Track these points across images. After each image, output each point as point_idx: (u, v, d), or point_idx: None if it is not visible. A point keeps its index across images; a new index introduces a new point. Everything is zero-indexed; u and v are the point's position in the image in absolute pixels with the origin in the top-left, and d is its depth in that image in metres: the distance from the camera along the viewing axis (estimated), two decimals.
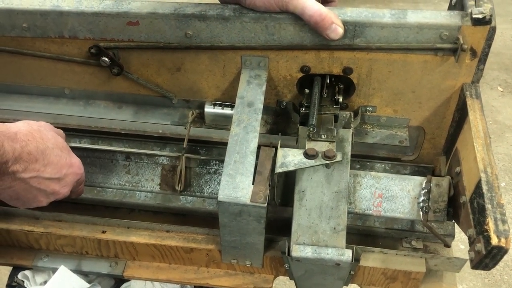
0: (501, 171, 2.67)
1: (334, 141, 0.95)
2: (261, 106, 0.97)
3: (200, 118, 1.10)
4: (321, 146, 0.94)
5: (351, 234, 1.10)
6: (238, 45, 0.99)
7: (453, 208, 0.96)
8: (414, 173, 1.14)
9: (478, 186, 0.84)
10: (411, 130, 1.09)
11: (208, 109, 1.08)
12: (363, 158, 1.14)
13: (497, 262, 0.83)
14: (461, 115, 1.00)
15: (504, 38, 3.65)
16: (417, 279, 0.99)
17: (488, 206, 0.81)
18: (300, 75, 1.03)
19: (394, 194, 0.99)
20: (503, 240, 0.77)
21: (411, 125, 1.08)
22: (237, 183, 0.86)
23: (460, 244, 2.33)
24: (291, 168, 0.90)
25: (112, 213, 1.14)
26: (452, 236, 1.08)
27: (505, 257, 2.31)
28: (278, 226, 1.04)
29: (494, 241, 0.77)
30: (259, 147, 0.93)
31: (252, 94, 0.98)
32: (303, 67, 1.01)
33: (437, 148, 1.11)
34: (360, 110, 1.06)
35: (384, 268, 0.97)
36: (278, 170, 0.89)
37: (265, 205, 0.85)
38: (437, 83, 0.99)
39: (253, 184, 0.87)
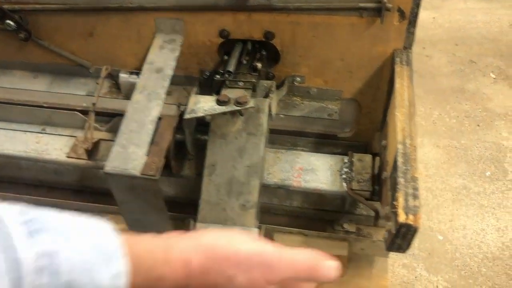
0: (487, 160, 2.56)
1: (250, 88, 0.87)
2: (171, 72, 0.89)
3: (118, 89, 1.02)
4: (236, 93, 0.86)
5: (279, 215, 1.02)
6: (148, 6, 0.91)
7: (379, 186, 0.87)
8: (351, 149, 1.05)
9: (396, 159, 0.75)
10: (345, 104, 1.01)
11: (124, 78, 1.00)
12: (296, 135, 1.06)
13: (410, 243, 0.74)
14: (393, 85, 0.91)
15: (501, 24, 3.51)
16: (341, 263, 0.90)
17: (401, 180, 0.72)
18: (220, 40, 0.94)
19: (316, 168, 0.92)
20: (411, 217, 0.69)
21: (344, 98, 0.99)
22: (129, 154, 0.78)
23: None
24: (200, 114, 0.82)
25: (33, 191, 1.07)
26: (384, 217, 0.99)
27: (484, 248, 2.21)
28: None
29: (402, 218, 0.69)
30: None
31: (162, 60, 0.90)
32: (221, 31, 0.92)
33: (374, 123, 1.02)
34: (287, 81, 0.98)
35: None
36: (187, 116, 0.82)
37: (157, 177, 0.77)
38: (367, 49, 0.90)
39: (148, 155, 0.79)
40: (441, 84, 3.05)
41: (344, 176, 0.90)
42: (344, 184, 0.89)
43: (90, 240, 0.44)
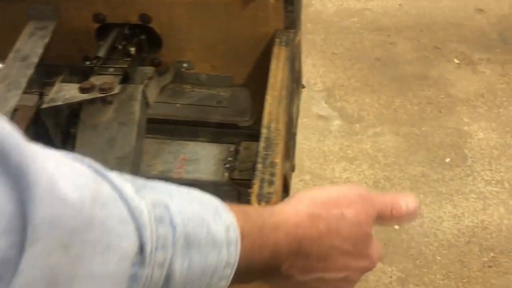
0: (447, 146, 2.52)
1: (120, 74, 0.82)
2: (36, 60, 0.83)
3: None
4: (103, 80, 0.81)
5: None
6: None
7: None
8: (253, 138, 1.01)
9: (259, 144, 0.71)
10: (240, 91, 0.96)
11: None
12: (198, 125, 1.01)
13: None
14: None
15: (467, 9, 3.47)
16: None
17: (260, 166, 0.68)
18: (96, 25, 0.89)
19: (200, 158, 0.87)
20: (263, 204, 0.64)
21: (237, 84, 0.94)
22: None
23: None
24: (60, 102, 0.77)
25: None
26: None
27: (440, 236, 2.17)
28: None
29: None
30: None
31: (30, 47, 0.85)
32: (96, 15, 0.87)
33: None
34: (172, 67, 0.92)
35: None
36: (44, 105, 0.77)
37: None
38: (249, 31, 0.85)
39: None
40: (404, 71, 3.01)
41: (227, 165, 0.85)
42: (226, 174, 0.84)
43: (192, 196, 0.41)
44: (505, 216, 2.18)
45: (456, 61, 3.06)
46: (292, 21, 0.83)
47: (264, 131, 0.71)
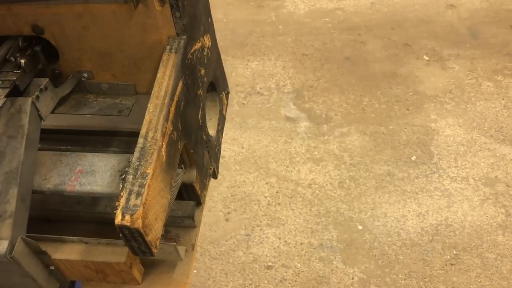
0: (414, 144, 2.50)
1: (7, 87, 0.80)
2: None
3: None
4: None
5: (87, 223, 0.95)
6: None
7: None
8: None
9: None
10: (145, 98, 0.94)
11: None
12: (109, 135, 0.99)
13: (148, 245, 0.68)
14: None
15: (438, 5, 3.46)
16: (125, 271, 0.84)
17: (130, 177, 0.66)
18: None
19: (96, 169, 0.85)
20: (127, 217, 0.63)
21: (140, 92, 0.93)
22: None
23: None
24: None
25: None
26: (191, 217, 0.93)
27: (404, 235, 2.16)
28: None
29: (118, 219, 0.63)
30: None
31: None
32: None
33: None
34: (72, 77, 0.91)
35: (81, 260, 0.83)
36: None
37: None
38: (141, 39, 0.84)
39: None
40: (373, 70, 3.00)
41: (123, 176, 0.83)
42: (121, 184, 0.82)
43: None
44: (469, 212, 2.17)
45: (426, 57, 3.05)
46: (182, 27, 0.82)
47: (140, 140, 0.69)
